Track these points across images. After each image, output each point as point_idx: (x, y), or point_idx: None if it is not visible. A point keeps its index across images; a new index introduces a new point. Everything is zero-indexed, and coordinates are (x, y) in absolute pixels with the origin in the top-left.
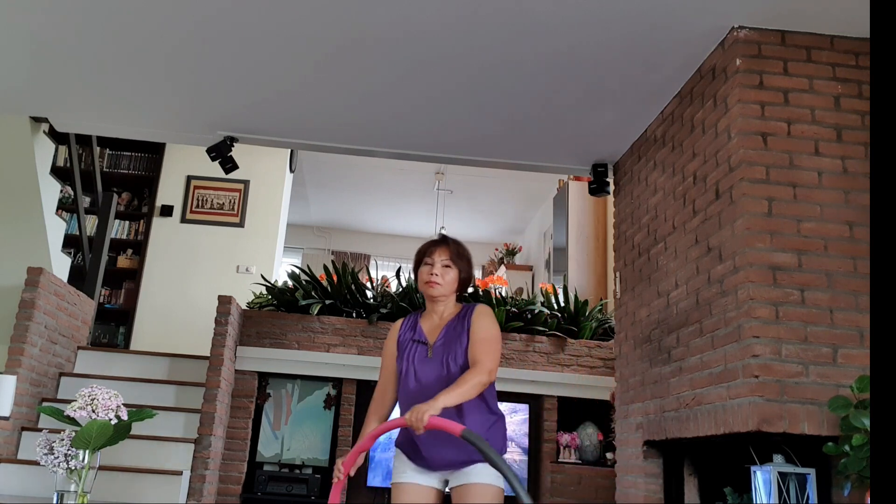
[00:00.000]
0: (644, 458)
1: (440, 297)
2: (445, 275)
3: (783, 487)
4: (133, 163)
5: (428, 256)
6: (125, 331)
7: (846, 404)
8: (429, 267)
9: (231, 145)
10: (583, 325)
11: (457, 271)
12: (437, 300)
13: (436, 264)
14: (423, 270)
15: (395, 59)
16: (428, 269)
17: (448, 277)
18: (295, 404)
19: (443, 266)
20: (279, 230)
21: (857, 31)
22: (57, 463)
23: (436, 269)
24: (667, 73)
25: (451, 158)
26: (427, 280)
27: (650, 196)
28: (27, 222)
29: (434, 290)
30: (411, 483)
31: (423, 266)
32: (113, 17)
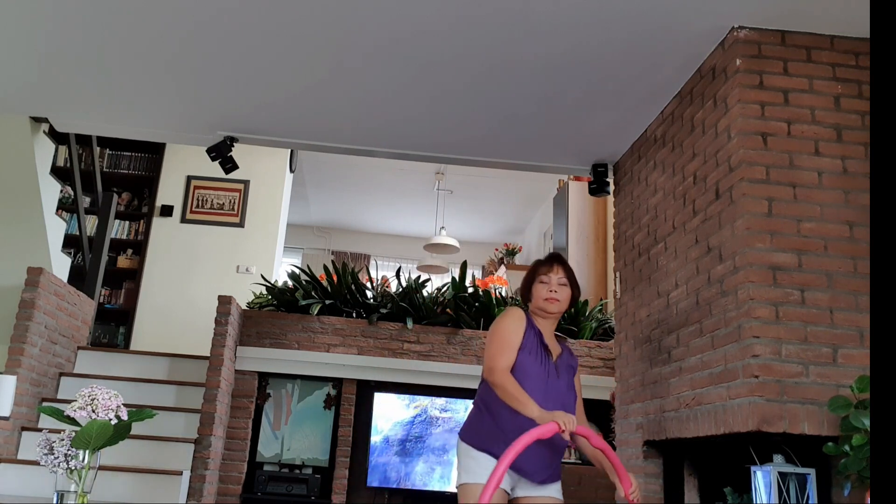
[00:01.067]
0: (644, 458)
1: (557, 314)
2: (562, 293)
3: (783, 487)
4: (133, 163)
5: (544, 274)
6: (125, 331)
7: (846, 404)
8: (546, 285)
9: (231, 145)
10: (583, 325)
11: (570, 291)
12: (553, 316)
13: (553, 282)
14: (540, 288)
15: (395, 60)
16: (546, 287)
17: (564, 295)
18: (295, 404)
19: (559, 284)
20: (279, 230)
21: (857, 31)
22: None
23: (554, 287)
24: (667, 73)
25: (451, 158)
26: (547, 297)
27: (650, 196)
28: (27, 222)
29: (554, 306)
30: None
31: (538, 283)
32: (114, 18)
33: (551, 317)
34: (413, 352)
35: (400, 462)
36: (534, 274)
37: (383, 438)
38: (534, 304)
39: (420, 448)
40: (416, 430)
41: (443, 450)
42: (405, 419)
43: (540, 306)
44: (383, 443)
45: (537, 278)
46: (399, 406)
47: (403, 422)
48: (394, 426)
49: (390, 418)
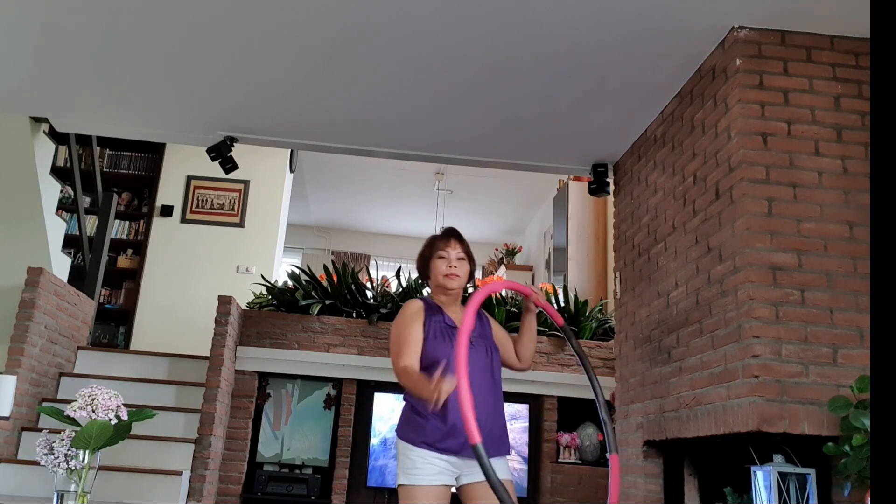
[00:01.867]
0: (644, 458)
1: (457, 290)
2: (462, 267)
3: (783, 487)
4: (133, 163)
5: (441, 250)
6: (125, 331)
7: (846, 404)
8: (445, 260)
9: (231, 145)
10: (583, 325)
11: (469, 265)
12: (454, 292)
13: (451, 258)
14: (439, 263)
15: (395, 60)
16: (445, 263)
17: (464, 270)
18: (295, 404)
19: (458, 259)
20: (279, 230)
21: (857, 31)
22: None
23: (453, 262)
24: (667, 73)
25: (451, 158)
26: (447, 273)
27: (650, 196)
28: (27, 222)
29: (455, 282)
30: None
31: (437, 259)
32: (113, 18)
33: (452, 293)
34: None
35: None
36: (431, 250)
37: (383, 438)
38: (433, 282)
39: None
40: None
41: None
42: None
43: (440, 283)
44: (383, 443)
45: (435, 254)
46: (399, 406)
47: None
48: (394, 426)
49: (390, 418)
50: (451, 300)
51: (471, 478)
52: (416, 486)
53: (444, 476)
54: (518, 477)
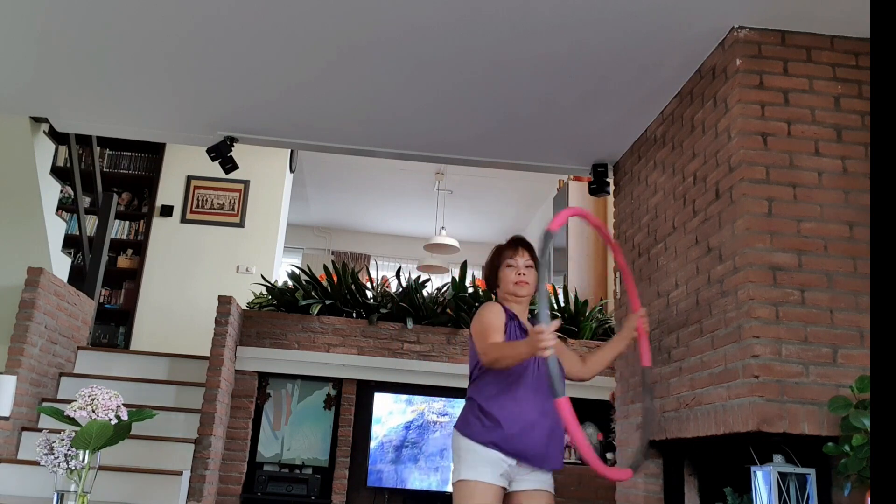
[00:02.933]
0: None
1: (527, 297)
2: (530, 275)
3: (783, 487)
4: (133, 163)
5: (510, 258)
6: (125, 331)
7: (846, 404)
8: (514, 269)
9: (231, 145)
10: (583, 325)
11: (536, 272)
12: (524, 299)
13: (520, 266)
14: (508, 272)
15: (395, 60)
16: (514, 271)
17: (532, 277)
18: (295, 404)
19: (526, 266)
20: (279, 230)
21: (857, 31)
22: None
23: (522, 270)
24: (667, 73)
25: (451, 158)
26: (517, 280)
27: (650, 196)
28: (27, 222)
29: (524, 289)
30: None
31: (506, 268)
32: (113, 18)
33: (523, 300)
34: (413, 352)
35: (400, 462)
36: (499, 259)
37: (383, 438)
38: (503, 290)
39: (420, 448)
40: (415, 431)
41: (443, 450)
42: (405, 419)
43: (510, 291)
44: (383, 443)
45: (503, 263)
46: (399, 406)
47: (403, 422)
48: (394, 426)
49: (390, 418)
50: (521, 308)
51: (519, 485)
52: (479, 481)
53: (504, 479)
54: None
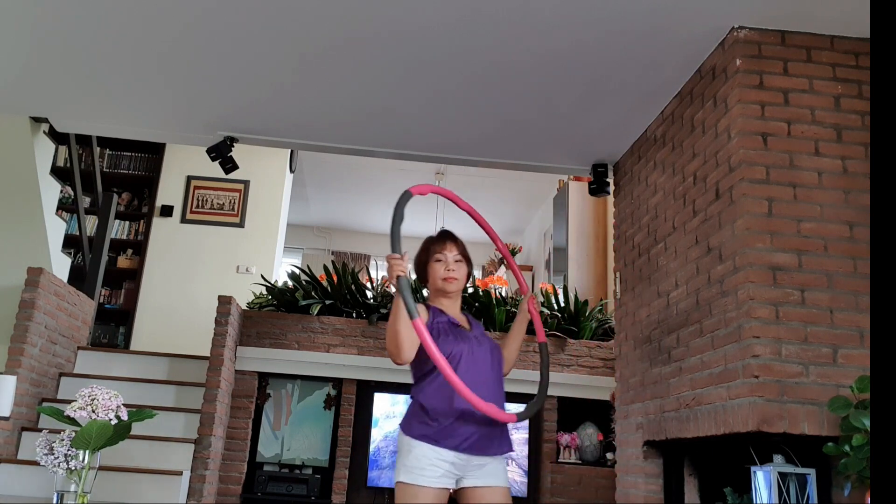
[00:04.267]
0: (644, 458)
1: (456, 292)
2: (460, 269)
3: (783, 488)
4: (133, 163)
5: (438, 253)
6: (125, 331)
7: (846, 404)
8: (442, 263)
9: (231, 145)
10: (583, 325)
11: (467, 266)
12: (454, 295)
13: (449, 260)
14: (437, 266)
15: (395, 59)
16: (443, 266)
17: (462, 272)
18: (295, 404)
19: (455, 261)
20: (279, 230)
21: (857, 31)
22: (57, 463)
23: (451, 266)
24: (667, 73)
25: (451, 158)
26: (445, 276)
27: (650, 196)
28: (27, 222)
29: (453, 284)
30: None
31: (435, 262)
32: (113, 17)
33: (452, 296)
34: None
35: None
36: (427, 254)
37: (383, 438)
38: (432, 286)
39: None
40: None
41: None
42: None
43: (439, 287)
44: (383, 443)
45: (431, 258)
46: (399, 407)
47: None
48: (394, 426)
49: (390, 418)
50: (451, 302)
51: (472, 480)
52: (417, 485)
53: (446, 479)
54: (518, 479)
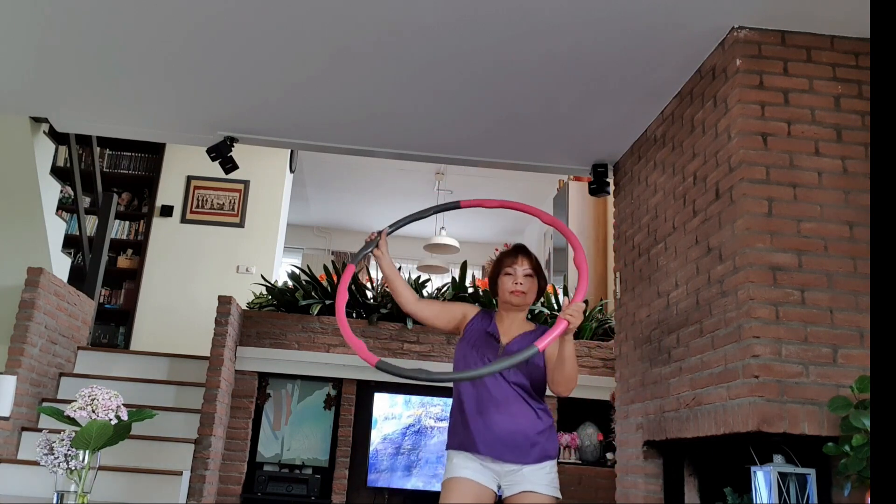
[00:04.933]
0: (644, 458)
1: (522, 307)
2: (528, 284)
3: (783, 488)
4: (133, 163)
5: (509, 267)
6: (125, 331)
7: (846, 404)
8: (511, 277)
9: (231, 145)
10: (583, 325)
11: (537, 281)
12: (519, 308)
13: (518, 274)
14: (505, 280)
15: (395, 60)
16: (511, 279)
17: (529, 287)
18: (295, 404)
19: (525, 276)
20: (279, 230)
21: (857, 31)
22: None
23: (519, 279)
24: (667, 73)
25: (451, 158)
26: (512, 290)
27: (650, 196)
28: (27, 222)
29: (518, 298)
30: (465, 479)
31: (504, 276)
32: (113, 18)
33: (516, 309)
34: (413, 352)
35: (400, 462)
36: (499, 266)
37: (383, 438)
38: (500, 298)
39: (420, 448)
40: (415, 431)
41: (443, 450)
42: (405, 420)
43: (506, 299)
44: (383, 443)
45: (503, 270)
46: (398, 407)
47: (403, 422)
48: (394, 426)
49: (390, 418)
50: (513, 315)
51: (510, 489)
52: (449, 478)
53: (480, 475)
54: None
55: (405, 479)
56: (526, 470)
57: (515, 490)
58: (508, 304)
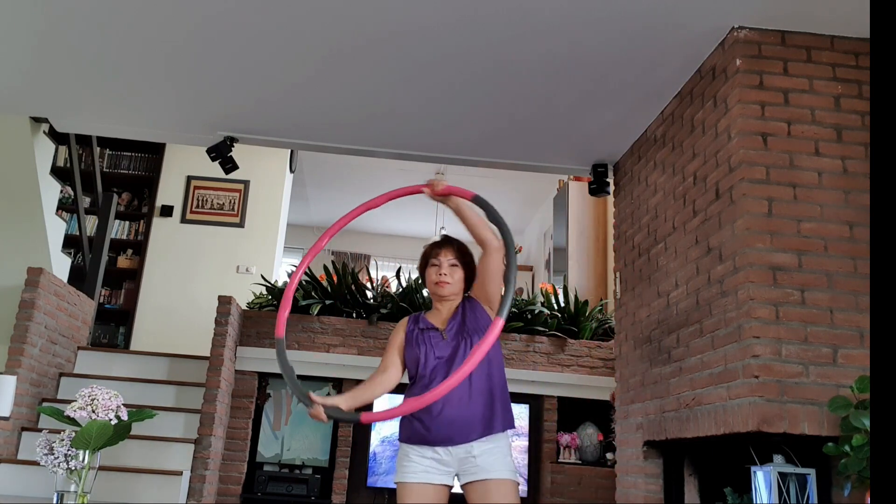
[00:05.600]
0: (644, 458)
1: (450, 297)
2: (453, 274)
3: (783, 488)
4: (133, 163)
5: (434, 258)
6: (125, 331)
7: (846, 404)
8: (436, 268)
9: (231, 145)
10: (583, 325)
11: (463, 271)
12: (447, 299)
13: (443, 265)
14: (430, 272)
15: (395, 60)
16: (436, 270)
17: (456, 277)
18: (295, 404)
19: (450, 266)
20: (279, 230)
21: (857, 31)
22: (57, 463)
23: (444, 270)
24: (667, 73)
25: (451, 158)
26: (437, 280)
27: (650, 196)
28: (27, 222)
29: (444, 289)
30: (419, 483)
31: (430, 268)
32: (113, 18)
33: (445, 300)
34: None
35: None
36: (426, 258)
37: (383, 438)
38: (429, 290)
39: None
40: None
41: None
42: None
43: (432, 290)
44: (383, 443)
45: (428, 262)
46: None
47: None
48: (392, 428)
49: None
50: (443, 306)
51: (468, 476)
52: (404, 482)
53: (433, 474)
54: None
55: None
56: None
57: (472, 478)
58: (436, 296)
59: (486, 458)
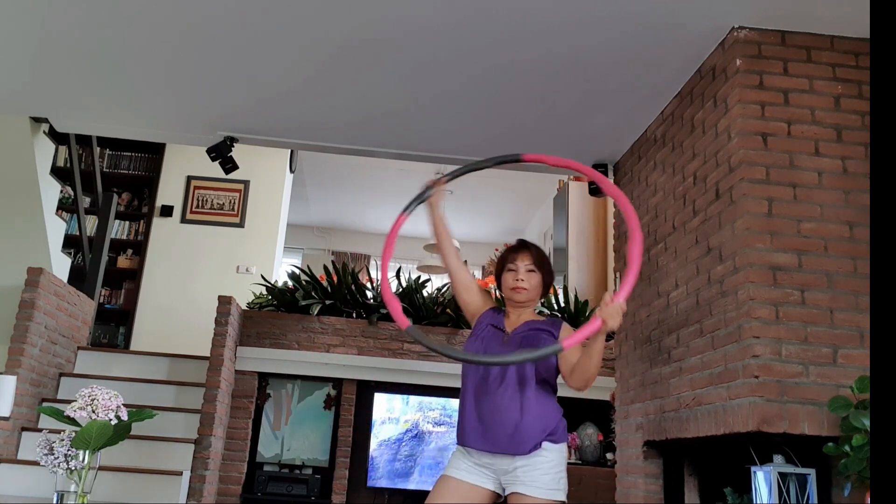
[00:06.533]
0: (644, 458)
1: (526, 303)
2: (531, 280)
3: (783, 488)
4: (133, 163)
5: (511, 263)
6: (125, 331)
7: (846, 404)
8: (513, 273)
9: (231, 145)
10: (583, 325)
11: (540, 276)
12: (523, 305)
13: (520, 270)
14: (507, 276)
15: (395, 60)
16: (513, 275)
17: (533, 282)
18: (295, 404)
19: (527, 271)
20: (279, 230)
21: (857, 31)
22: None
23: (521, 275)
24: (667, 73)
25: (452, 159)
26: (513, 286)
27: (650, 196)
28: (27, 222)
29: (521, 295)
30: (457, 479)
31: (506, 272)
32: (113, 18)
33: (521, 305)
34: (413, 352)
35: (400, 462)
36: (503, 263)
37: (383, 438)
38: (504, 295)
39: (420, 448)
40: (416, 431)
41: (443, 450)
42: (402, 424)
43: (508, 296)
44: (383, 442)
45: (506, 267)
46: (399, 406)
47: (401, 427)
48: (394, 426)
49: (387, 422)
50: (519, 311)
51: (511, 487)
52: (444, 475)
53: (475, 476)
54: None
55: (405, 479)
56: (519, 465)
57: (509, 490)
58: (512, 301)
59: (527, 471)
